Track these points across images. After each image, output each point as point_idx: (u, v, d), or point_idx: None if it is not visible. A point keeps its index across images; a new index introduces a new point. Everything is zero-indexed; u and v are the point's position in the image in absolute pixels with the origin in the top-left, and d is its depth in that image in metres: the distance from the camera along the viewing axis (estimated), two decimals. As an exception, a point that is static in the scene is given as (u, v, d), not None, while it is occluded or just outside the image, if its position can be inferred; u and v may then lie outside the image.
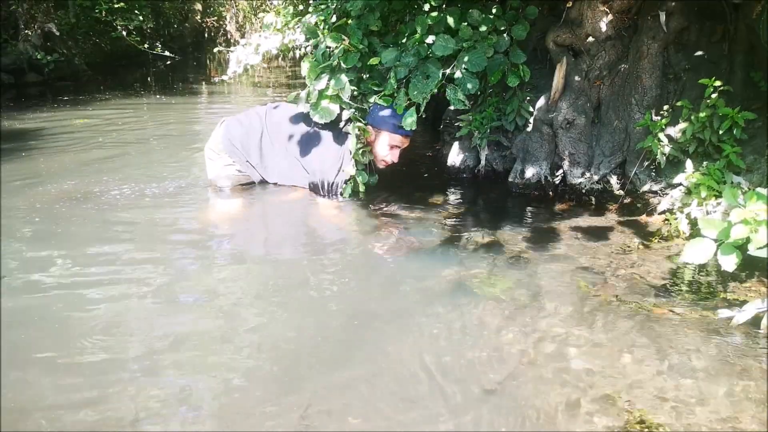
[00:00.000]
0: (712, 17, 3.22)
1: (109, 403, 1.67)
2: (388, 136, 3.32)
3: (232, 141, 3.45)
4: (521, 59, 3.48)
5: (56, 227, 2.98)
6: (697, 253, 2.12)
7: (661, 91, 3.32)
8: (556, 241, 2.87)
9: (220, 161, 3.51)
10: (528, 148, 3.67)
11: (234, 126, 3.49)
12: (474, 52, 3.23)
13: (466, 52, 3.24)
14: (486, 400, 1.69)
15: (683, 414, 1.62)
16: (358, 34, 3.27)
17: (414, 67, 3.25)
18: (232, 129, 3.48)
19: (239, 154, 3.46)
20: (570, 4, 3.55)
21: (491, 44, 3.33)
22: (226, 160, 3.49)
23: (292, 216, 3.30)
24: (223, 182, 3.55)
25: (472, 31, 3.30)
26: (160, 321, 2.12)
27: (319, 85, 3.23)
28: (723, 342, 1.96)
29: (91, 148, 4.80)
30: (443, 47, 3.20)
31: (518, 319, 2.13)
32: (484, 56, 3.26)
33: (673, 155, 3.07)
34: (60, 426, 1.58)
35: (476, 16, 3.34)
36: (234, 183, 3.54)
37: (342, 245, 2.93)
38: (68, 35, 9.66)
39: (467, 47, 3.25)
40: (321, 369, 1.85)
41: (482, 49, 3.27)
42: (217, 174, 3.54)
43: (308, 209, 3.32)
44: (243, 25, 15.45)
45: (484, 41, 3.30)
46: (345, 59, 3.20)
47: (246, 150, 3.45)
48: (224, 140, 3.46)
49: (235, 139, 3.45)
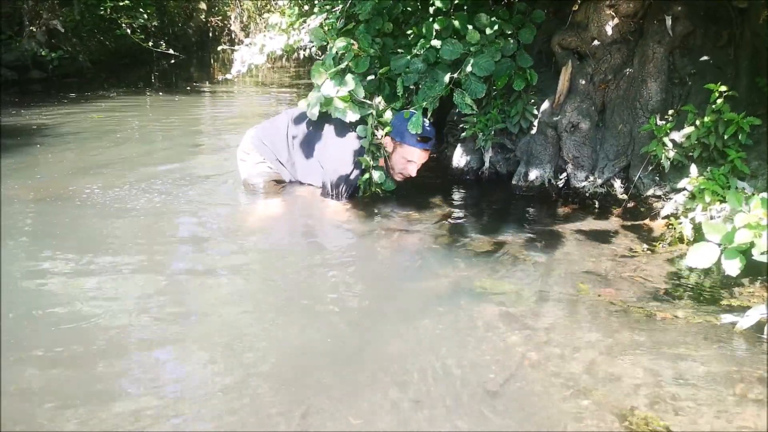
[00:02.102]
0: (718, 22, 3.22)
1: (109, 403, 1.66)
2: (406, 150, 3.24)
3: (262, 140, 3.48)
4: (528, 63, 3.48)
5: (57, 226, 2.98)
6: (701, 257, 2.12)
7: (666, 96, 3.31)
8: (559, 244, 2.87)
9: (251, 160, 3.52)
10: (532, 150, 3.67)
11: (262, 127, 3.55)
12: (481, 56, 3.23)
13: (473, 56, 3.24)
14: (488, 402, 1.68)
15: (686, 418, 1.62)
16: (367, 38, 3.26)
17: (423, 73, 3.25)
18: (260, 129, 3.53)
19: (268, 152, 3.48)
20: (576, 8, 3.55)
21: (498, 48, 3.33)
22: (256, 158, 3.50)
23: (297, 216, 3.30)
24: (255, 179, 3.50)
25: (479, 35, 3.30)
26: (162, 321, 2.12)
27: (326, 89, 3.20)
28: (726, 347, 1.96)
29: (94, 146, 4.80)
30: (451, 51, 3.20)
31: (521, 321, 2.13)
32: (492, 60, 3.26)
33: (678, 160, 3.07)
34: (60, 426, 1.57)
35: (484, 20, 3.35)
36: (266, 179, 3.50)
37: (345, 246, 2.93)
38: (73, 32, 9.67)
39: (475, 51, 3.25)
40: (322, 369, 1.84)
41: (490, 53, 3.26)
42: (249, 172, 3.52)
43: (313, 211, 3.31)
44: (247, 25, 15.48)
45: (491, 45, 3.30)
46: (356, 64, 3.18)
47: (274, 148, 3.47)
48: (254, 140, 3.49)
49: (264, 138, 3.48)
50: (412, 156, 3.23)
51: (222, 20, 16.33)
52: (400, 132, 3.20)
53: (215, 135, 5.48)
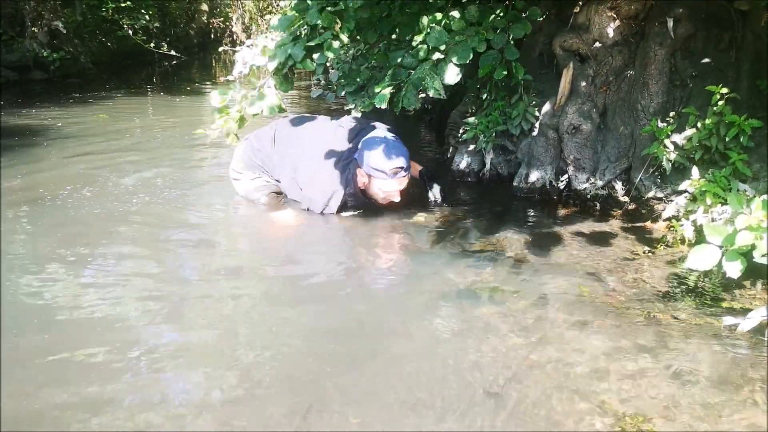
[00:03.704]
0: (720, 24, 3.22)
1: (109, 403, 1.66)
2: (381, 183, 3.05)
3: (252, 157, 3.38)
4: (515, 56, 3.45)
5: (57, 227, 2.98)
6: (702, 259, 2.10)
7: (667, 98, 3.31)
8: (559, 246, 2.86)
9: (245, 178, 3.43)
10: (533, 152, 3.67)
11: (250, 144, 3.41)
12: (462, 44, 3.20)
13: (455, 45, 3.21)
14: (489, 403, 1.68)
15: (686, 420, 1.62)
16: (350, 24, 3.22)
17: (412, 68, 3.24)
18: (248, 147, 3.40)
19: (260, 169, 3.39)
20: (577, 10, 3.55)
21: (483, 39, 3.30)
22: (250, 175, 3.41)
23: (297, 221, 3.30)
24: (256, 195, 3.40)
25: (464, 24, 3.28)
26: (163, 321, 2.12)
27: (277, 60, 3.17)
28: (727, 349, 1.96)
29: (95, 147, 4.81)
30: (437, 39, 3.18)
31: (521, 323, 2.13)
32: (470, 49, 3.22)
33: (679, 162, 3.06)
34: (60, 426, 1.57)
35: (473, 12, 3.33)
36: (267, 192, 3.40)
37: (345, 248, 2.93)
38: (74, 33, 9.68)
39: (459, 40, 3.22)
40: (323, 370, 1.84)
41: (472, 42, 3.24)
42: (247, 189, 3.43)
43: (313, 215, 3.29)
44: (249, 27, 15.48)
45: (475, 36, 3.28)
46: (329, 46, 3.14)
47: (264, 165, 3.38)
48: (244, 158, 3.39)
49: (253, 156, 3.37)
50: (388, 187, 3.06)
51: (224, 22, 16.34)
52: (369, 167, 3.02)
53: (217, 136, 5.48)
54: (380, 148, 3.00)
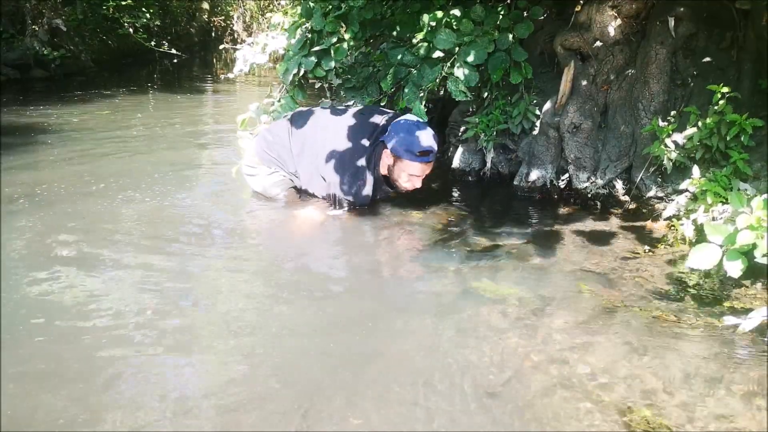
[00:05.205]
0: (721, 24, 3.21)
1: (109, 403, 1.66)
2: (406, 164, 3.07)
3: (267, 152, 3.32)
4: (523, 57, 3.46)
5: (59, 225, 2.98)
6: (703, 259, 2.10)
7: (668, 97, 3.31)
8: (560, 245, 2.86)
9: (261, 173, 3.36)
10: (534, 151, 3.67)
11: (264, 138, 3.36)
12: (474, 45, 3.21)
13: (466, 46, 3.22)
14: (489, 403, 1.68)
15: (686, 419, 1.61)
16: (354, 26, 3.23)
17: (413, 66, 3.24)
18: (262, 141, 3.35)
19: (276, 163, 3.33)
20: (578, 8, 3.54)
21: (492, 39, 3.31)
22: (265, 170, 3.35)
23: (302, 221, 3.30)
24: (275, 190, 3.36)
25: (473, 26, 3.29)
26: (163, 318, 2.12)
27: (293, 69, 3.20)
28: (728, 349, 1.95)
29: (96, 145, 4.80)
30: (444, 41, 3.19)
31: (522, 322, 2.12)
32: (484, 50, 3.24)
33: (680, 161, 3.06)
34: (60, 426, 1.57)
35: (479, 11, 3.33)
36: (284, 187, 3.36)
37: (346, 247, 2.92)
38: (75, 31, 9.67)
39: (468, 41, 3.23)
40: (323, 369, 1.84)
41: (483, 43, 3.25)
42: (263, 185, 3.37)
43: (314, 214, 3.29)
44: (250, 25, 15.47)
45: (484, 36, 3.29)
46: (336, 50, 3.15)
47: (281, 159, 3.32)
48: (258, 153, 3.33)
49: (269, 149, 3.32)
50: (413, 170, 3.09)
51: (225, 20, 16.33)
52: (398, 147, 3.05)
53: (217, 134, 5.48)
54: (411, 131, 3.04)
